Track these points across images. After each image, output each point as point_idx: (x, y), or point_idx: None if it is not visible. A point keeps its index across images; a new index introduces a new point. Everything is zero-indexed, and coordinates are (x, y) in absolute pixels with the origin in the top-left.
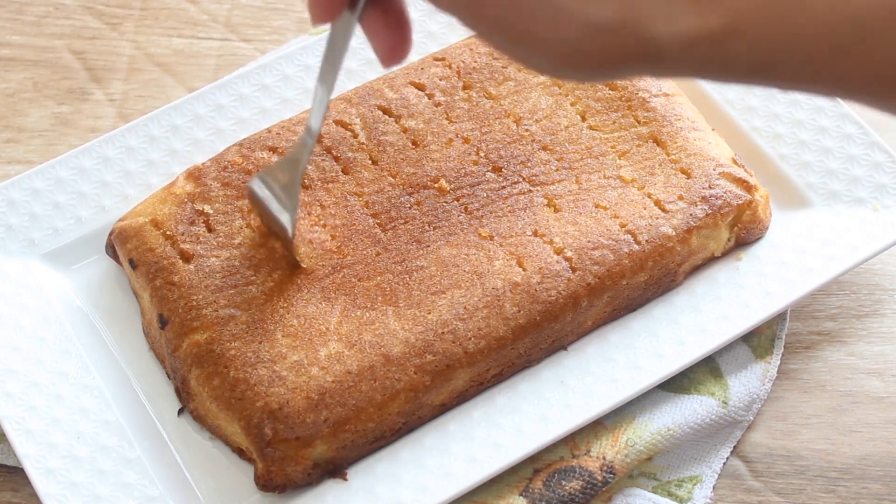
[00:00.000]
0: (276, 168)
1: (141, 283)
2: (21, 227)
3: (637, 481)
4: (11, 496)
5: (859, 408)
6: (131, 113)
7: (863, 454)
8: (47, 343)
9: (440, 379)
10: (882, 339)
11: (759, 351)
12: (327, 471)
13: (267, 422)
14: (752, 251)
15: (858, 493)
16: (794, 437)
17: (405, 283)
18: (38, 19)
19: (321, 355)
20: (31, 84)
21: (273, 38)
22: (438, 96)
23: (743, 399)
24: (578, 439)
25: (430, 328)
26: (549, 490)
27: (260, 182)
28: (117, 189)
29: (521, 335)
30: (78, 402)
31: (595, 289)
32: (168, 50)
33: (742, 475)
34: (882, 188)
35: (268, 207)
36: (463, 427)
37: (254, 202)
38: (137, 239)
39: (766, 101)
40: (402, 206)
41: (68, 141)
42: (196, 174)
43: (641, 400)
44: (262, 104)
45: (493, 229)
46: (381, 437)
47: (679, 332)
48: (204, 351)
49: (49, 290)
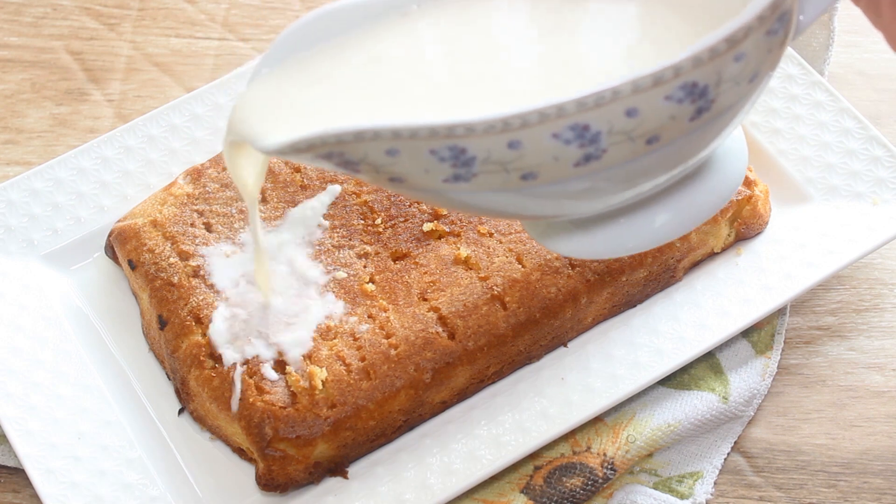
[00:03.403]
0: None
1: (140, 284)
2: (20, 228)
3: (638, 477)
4: (13, 497)
5: (860, 402)
6: (130, 113)
7: (864, 449)
8: (47, 343)
9: (440, 376)
10: (882, 333)
11: (760, 346)
12: (328, 469)
13: (267, 421)
14: (751, 246)
15: (859, 487)
16: (795, 432)
17: (405, 281)
18: (36, 20)
19: (322, 354)
20: (29, 85)
21: (271, 38)
22: None
23: (743, 394)
24: (579, 436)
25: (430, 326)
26: (550, 487)
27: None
28: (116, 189)
29: (521, 332)
30: (78, 402)
31: (595, 285)
32: (166, 50)
33: (743, 470)
34: (881, 182)
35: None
36: (463, 425)
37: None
38: (137, 240)
39: (765, 96)
40: (401, 204)
41: (67, 141)
42: (195, 175)
43: (642, 396)
44: None
45: (492, 226)
46: (382, 436)
47: (679, 327)
48: (203, 352)
49: (49, 290)
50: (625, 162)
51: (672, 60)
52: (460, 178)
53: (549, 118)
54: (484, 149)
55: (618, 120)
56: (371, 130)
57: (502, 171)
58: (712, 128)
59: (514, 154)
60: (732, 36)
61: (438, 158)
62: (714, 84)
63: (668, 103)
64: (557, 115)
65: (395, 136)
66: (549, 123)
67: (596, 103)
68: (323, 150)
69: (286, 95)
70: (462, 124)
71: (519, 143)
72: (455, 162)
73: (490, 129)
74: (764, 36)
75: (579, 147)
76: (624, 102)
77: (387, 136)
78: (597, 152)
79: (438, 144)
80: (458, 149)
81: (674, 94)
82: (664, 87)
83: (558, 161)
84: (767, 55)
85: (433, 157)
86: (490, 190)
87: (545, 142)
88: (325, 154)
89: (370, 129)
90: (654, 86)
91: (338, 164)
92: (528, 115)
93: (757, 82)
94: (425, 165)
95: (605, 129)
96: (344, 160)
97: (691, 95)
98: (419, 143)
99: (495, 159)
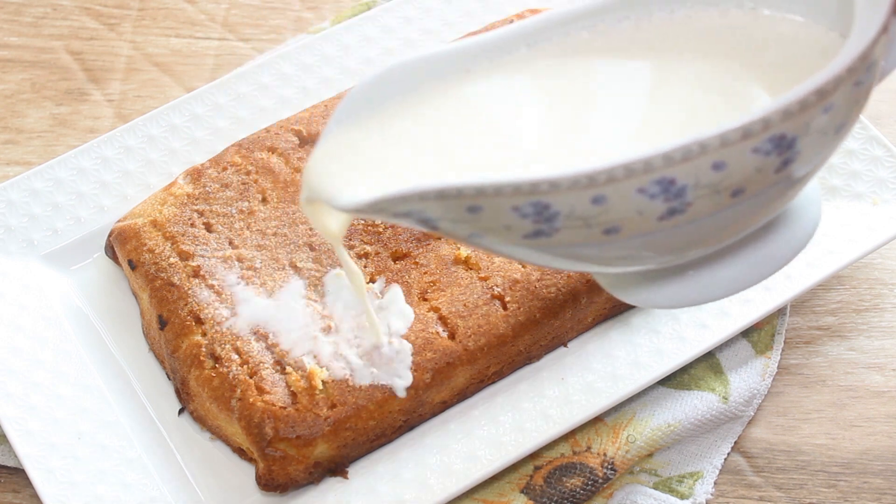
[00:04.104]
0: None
1: (140, 284)
2: (20, 228)
3: (638, 477)
4: (13, 497)
5: (860, 402)
6: (130, 113)
7: (864, 449)
8: (47, 343)
9: (440, 376)
10: (882, 333)
11: (760, 346)
12: (328, 469)
13: (268, 421)
14: None
15: (860, 487)
16: (795, 432)
17: (405, 281)
18: (36, 20)
19: (322, 354)
20: (29, 85)
21: (271, 38)
22: None
23: (743, 394)
24: (579, 436)
25: (430, 326)
26: (551, 487)
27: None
28: (116, 189)
29: (521, 332)
30: (78, 402)
31: (595, 285)
32: (166, 50)
33: (743, 470)
34: (881, 182)
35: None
36: (464, 425)
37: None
38: (137, 240)
39: None
40: None
41: (67, 141)
42: (195, 175)
43: (642, 396)
44: (261, 103)
45: None
46: (382, 436)
47: (679, 327)
48: (204, 352)
49: (49, 290)
50: (709, 215)
51: (761, 113)
52: (541, 233)
53: (636, 173)
54: (568, 204)
55: (704, 174)
56: (454, 188)
57: (584, 227)
58: (797, 179)
59: (598, 209)
60: (822, 88)
61: (521, 215)
62: (802, 136)
63: (755, 156)
64: (644, 169)
65: (478, 194)
66: (635, 178)
67: (683, 157)
68: (404, 208)
69: (360, 152)
70: (547, 180)
71: (604, 198)
72: (538, 218)
73: (575, 185)
74: (852, 87)
75: (664, 201)
76: (711, 156)
77: (470, 193)
78: (681, 206)
79: (522, 201)
80: (541, 205)
81: (761, 147)
82: (752, 140)
83: (642, 215)
84: (854, 105)
85: (515, 213)
86: (571, 245)
87: (630, 196)
88: (405, 212)
89: (453, 187)
90: (742, 139)
91: (417, 222)
92: (614, 171)
93: (843, 132)
94: (507, 222)
95: (691, 183)
96: (424, 217)
97: (779, 148)
98: (503, 199)
99: (578, 214)
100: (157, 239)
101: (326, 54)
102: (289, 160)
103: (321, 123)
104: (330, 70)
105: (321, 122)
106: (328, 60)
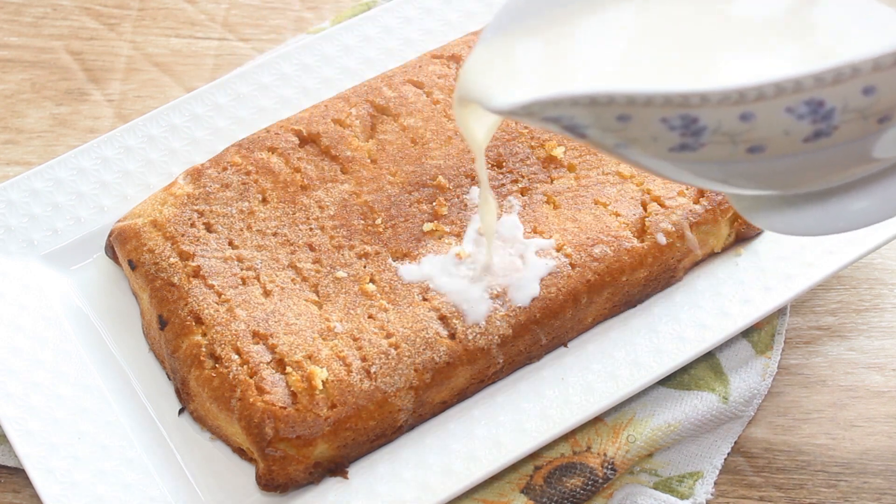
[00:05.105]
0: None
1: (140, 284)
2: (20, 228)
3: (638, 477)
4: (13, 497)
5: (860, 402)
6: (130, 113)
7: (864, 449)
8: (47, 343)
9: (440, 376)
10: (882, 333)
11: (760, 346)
12: (328, 469)
13: (268, 421)
14: (751, 247)
15: (860, 487)
16: (795, 432)
17: (405, 281)
18: (36, 20)
19: (322, 354)
20: (29, 85)
21: (271, 38)
22: (437, 94)
23: (743, 394)
24: (579, 436)
25: (431, 325)
26: (551, 487)
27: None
28: (116, 189)
29: (521, 332)
30: (78, 402)
31: (595, 285)
32: (166, 50)
33: (743, 470)
34: None
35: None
36: (464, 425)
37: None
38: (137, 240)
39: None
40: (401, 205)
41: (67, 141)
42: (195, 175)
43: (642, 396)
44: (261, 103)
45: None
46: (382, 436)
47: (679, 328)
48: (203, 352)
49: (49, 290)
50: (853, 140)
51: None
52: (687, 147)
53: (786, 92)
54: (715, 119)
55: (854, 97)
56: (606, 95)
57: (730, 143)
58: None
59: (745, 126)
60: None
61: (669, 127)
62: None
63: None
64: (794, 89)
65: (629, 102)
66: (784, 97)
67: (835, 79)
68: (555, 112)
69: (514, 58)
70: (697, 94)
71: (752, 115)
72: (685, 131)
73: (725, 100)
74: None
75: (811, 123)
76: (863, 80)
77: (621, 101)
78: (828, 129)
79: (671, 113)
80: (689, 118)
81: None
82: None
83: (788, 136)
84: None
85: (663, 125)
86: (714, 161)
87: (778, 116)
88: (555, 117)
89: (605, 94)
90: (895, 64)
91: (564, 128)
92: (764, 88)
93: None
94: (654, 133)
95: (839, 106)
96: (572, 124)
97: None
98: (652, 110)
99: (725, 130)
100: (158, 239)
101: (326, 54)
102: (289, 160)
103: (321, 123)
104: (330, 70)
105: (321, 122)
106: (328, 60)
